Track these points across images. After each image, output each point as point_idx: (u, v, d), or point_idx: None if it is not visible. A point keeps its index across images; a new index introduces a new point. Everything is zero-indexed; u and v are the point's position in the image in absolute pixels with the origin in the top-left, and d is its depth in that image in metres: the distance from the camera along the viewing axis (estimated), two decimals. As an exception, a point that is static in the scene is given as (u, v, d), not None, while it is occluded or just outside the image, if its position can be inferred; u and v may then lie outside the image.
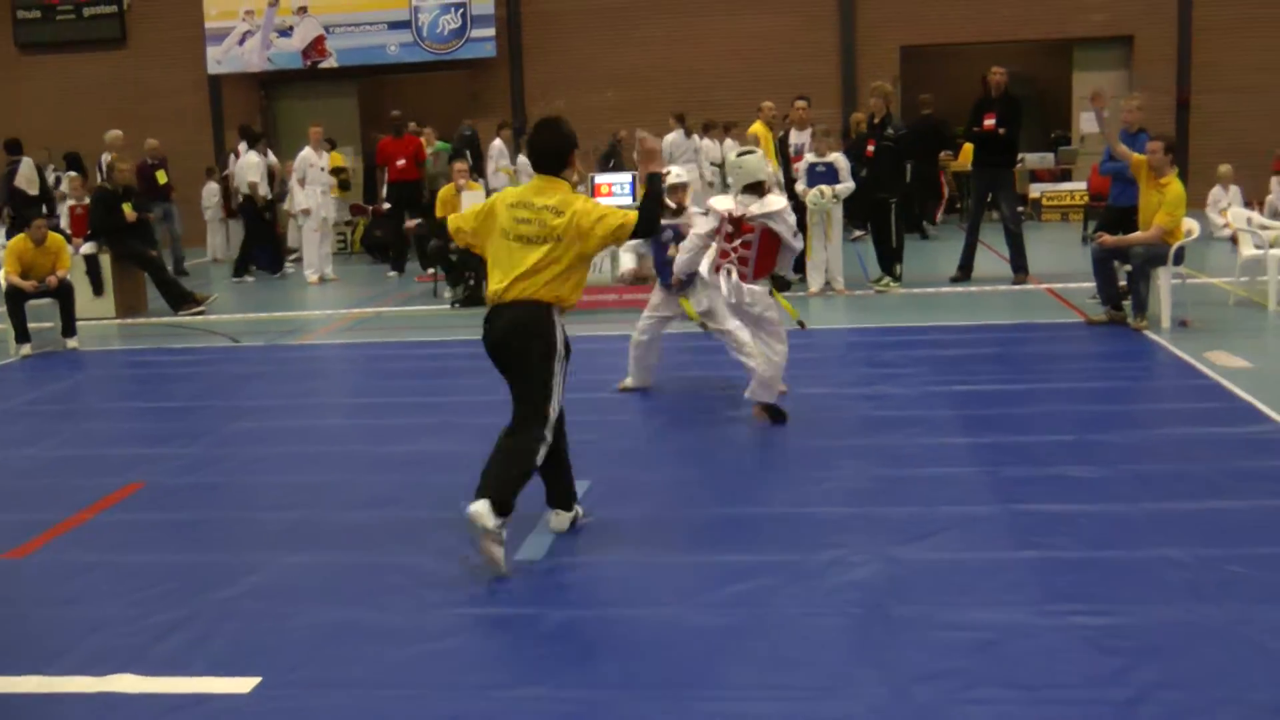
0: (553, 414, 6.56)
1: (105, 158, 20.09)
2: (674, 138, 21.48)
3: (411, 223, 11.95)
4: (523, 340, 6.54)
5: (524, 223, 6.58)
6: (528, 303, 6.54)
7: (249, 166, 20.62)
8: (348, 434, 10.05)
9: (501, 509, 6.24)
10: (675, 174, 10.57)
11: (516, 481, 6.40)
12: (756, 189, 9.14)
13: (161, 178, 21.51)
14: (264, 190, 20.74)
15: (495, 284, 6.65)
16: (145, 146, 21.84)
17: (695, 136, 22.12)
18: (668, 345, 10.83)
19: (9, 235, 17.11)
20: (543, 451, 6.53)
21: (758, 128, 17.42)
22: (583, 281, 6.78)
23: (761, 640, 5.39)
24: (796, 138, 16.65)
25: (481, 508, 6.17)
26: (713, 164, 22.75)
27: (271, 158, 22.09)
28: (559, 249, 6.52)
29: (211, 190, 24.40)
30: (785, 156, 16.61)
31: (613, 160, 21.82)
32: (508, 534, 6.32)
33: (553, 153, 6.73)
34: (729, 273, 9.15)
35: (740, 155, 9.36)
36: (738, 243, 9.16)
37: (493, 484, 6.32)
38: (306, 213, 19.96)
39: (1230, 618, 5.39)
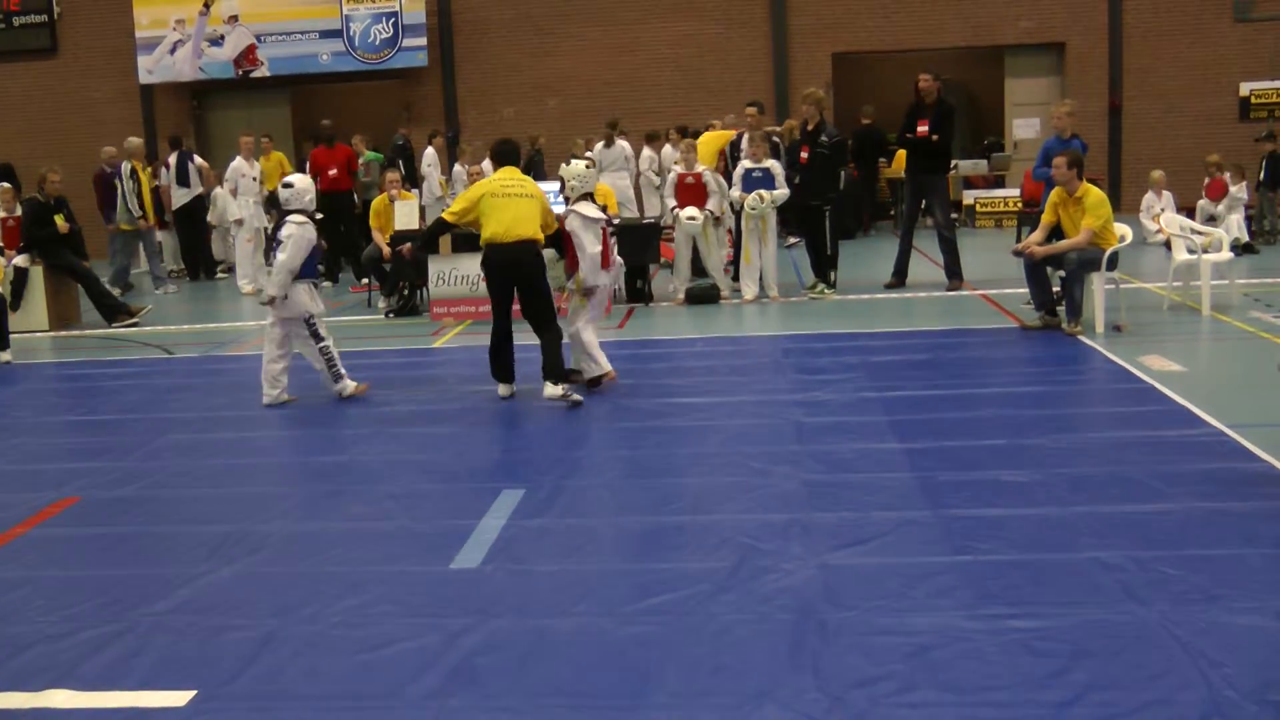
0: (553, 309, 10.38)
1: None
2: (599, 148, 21.59)
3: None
4: (528, 270, 10.26)
5: (512, 186, 10.35)
6: (526, 241, 10.19)
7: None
8: (280, 445, 10.02)
9: (560, 377, 10.11)
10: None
11: (559, 353, 10.19)
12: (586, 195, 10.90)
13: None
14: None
15: (497, 228, 10.12)
16: (103, 154, 21.63)
17: (626, 144, 22.18)
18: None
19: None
20: (561, 330, 10.36)
21: (709, 136, 17.59)
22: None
23: (696, 648, 5.39)
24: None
25: (550, 389, 10.09)
26: (654, 172, 22.83)
27: (200, 161, 21.97)
28: (536, 203, 10.32)
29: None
30: (738, 161, 16.62)
31: (532, 171, 21.76)
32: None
33: (513, 152, 10.83)
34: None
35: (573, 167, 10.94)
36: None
37: (550, 370, 10.13)
38: (239, 223, 19.84)
39: (1162, 619, 5.44)
